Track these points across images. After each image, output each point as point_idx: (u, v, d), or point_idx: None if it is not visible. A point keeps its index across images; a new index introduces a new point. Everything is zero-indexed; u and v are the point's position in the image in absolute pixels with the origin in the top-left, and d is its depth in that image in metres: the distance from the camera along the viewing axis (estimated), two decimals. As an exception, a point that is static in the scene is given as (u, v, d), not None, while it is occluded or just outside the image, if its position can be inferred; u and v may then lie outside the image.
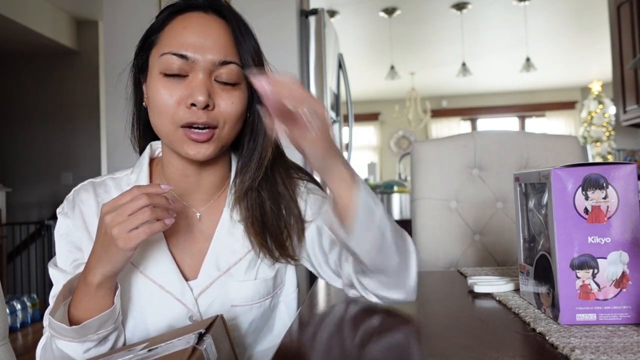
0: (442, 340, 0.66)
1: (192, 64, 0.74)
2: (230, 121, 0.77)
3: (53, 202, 5.10)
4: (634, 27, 3.76)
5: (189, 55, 0.74)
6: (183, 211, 0.83)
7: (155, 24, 0.80)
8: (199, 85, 0.73)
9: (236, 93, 0.77)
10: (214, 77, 0.75)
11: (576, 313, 0.65)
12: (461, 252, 1.47)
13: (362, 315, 0.80)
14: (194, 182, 0.83)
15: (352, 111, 3.22)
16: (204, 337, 0.60)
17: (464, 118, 9.19)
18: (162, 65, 0.75)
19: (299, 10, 2.70)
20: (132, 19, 2.58)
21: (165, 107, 0.75)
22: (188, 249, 0.82)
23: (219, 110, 0.75)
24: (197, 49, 0.74)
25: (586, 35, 6.03)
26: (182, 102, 0.74)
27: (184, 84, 0.74)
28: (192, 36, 0.75)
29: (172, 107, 0.74)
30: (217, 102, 0.75)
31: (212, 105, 0.74)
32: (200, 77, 0.74)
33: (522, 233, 0.81)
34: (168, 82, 0.75)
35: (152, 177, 0.86)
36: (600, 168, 0.65)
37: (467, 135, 1.54)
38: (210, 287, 0.80)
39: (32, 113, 5.17)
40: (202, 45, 0.74)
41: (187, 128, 0.74)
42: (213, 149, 0.76)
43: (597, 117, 7.26)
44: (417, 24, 5.57)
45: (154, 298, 0.78)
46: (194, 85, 0.73)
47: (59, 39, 4.82)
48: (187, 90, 0.74)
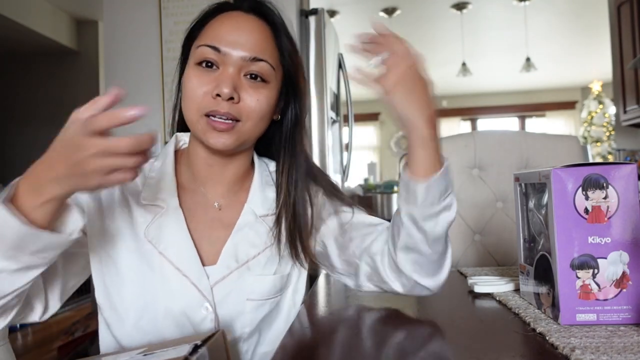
0: (442, 340, 0.66)
1: (224, 57, 0.77)
2: (253, 117, 0.78)
3: (53, 202, 5.10)
4: (634, 27, 3.76)
5: (221, 48, 0.77)
6: (203, 200, 0.85)
7: (198, 18, 0.84)
8: (226, 78, 0.76)
9: (263, 91, 0.79)
10: (244, 72, 0.78)
11: (576, 313, 0.65)
12: (461, 252, 1.47)
13: (361, 316, 0.80)
14: (217, 172, 0.85)
15: (352, 111, 3.22)
16: (199, 349, 0.60)
17: (464, 118, 9.19)
18: (197, 56, 0.78)
19: (299, 10, 2.70)
20: (132, 19, 2.58)
21: (193, 95, 0.77)
22: (207, 235, 0.83)
23: (243, 104, 0.77)
24: (230, 44, 0.77)
25: (586, 35, 6.03)
26: (209, 93, 0.76)
27: (214, 75, 0.77)
28: (228, 32, 0.78)
29: (199, 96, 0.77)
30: (242, 96, 0.77)
31: (237, 98, 0.76)
32: (229, 71, 0.77)
33: (522, 233, 0.81)
34: (200, 72, 0.78)
35: (178, 166, 0.87)
36: (601, 168, 0.65)
37: (467, 135, 1.54)
38: (227, 277, 0.80)
39: (32, 113, 5.17)
40: (236, 40, 0.78)
41: (209, 117, 0.76)
42: (233, 141, 0.78)
43: (597, 117, 7.26)
44: (417, 24, 5.57)
45: (171, 280, 0.78)
46: (221, 78, 0.76)
47: (59, 39, 4.82)
48: (215, 81, 0.77)
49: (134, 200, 0.83)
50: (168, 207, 0.82)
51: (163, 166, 0.86)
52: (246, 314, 0.81)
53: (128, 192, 0.83)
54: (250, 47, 0.78)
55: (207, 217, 0.84)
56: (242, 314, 0.80)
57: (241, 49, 0.78)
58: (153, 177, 0.85)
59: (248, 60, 0.78)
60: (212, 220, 0.84)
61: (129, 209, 0.82)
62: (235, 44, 0.78)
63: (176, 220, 0.81)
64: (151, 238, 0.79)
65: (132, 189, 0.84)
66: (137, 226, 0.81)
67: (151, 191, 0.83)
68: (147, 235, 0.80)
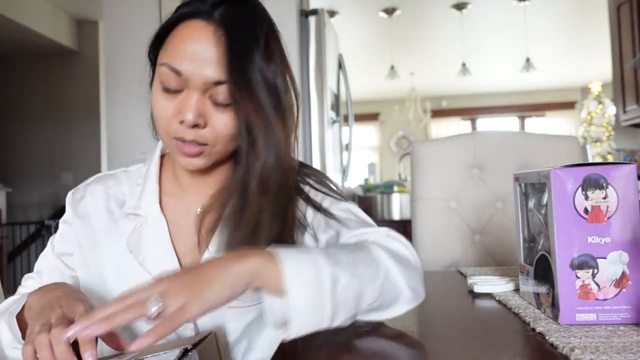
0: (442, 340, 0.66)
1: (187, 80, 0.72)
2: (221, 141, 0.74)
3: (53, 202, 5.10)
4: (634, 27, 3.76)
5: (182, 71, 0.71)
6: (186, 206, 0.83)
7: (166, 25, 0.78)
8: (188, 105, 0.71)
9: (229, 112, 0.73)
10: (209, 94, 0.73)
11: (576, 313, 0.65)
12: (461, 252, 1.47)
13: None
14: (199, 179, 0.83)
15: (352, 111, 3.22)
16: (189, 353, 0.59)
17: (464, 118, 9.19)
18: (161, 76, 0.74)
19: (299, 10, 2.70)
20: (132, 19, 2.58)
21: (160, 118, 0.75)
22: (189, 243, 0.81)
23: (210, 129, 0.73)
24: (192, 65, 0.71)
25: (586, 35, 6.03)
26: (174, 118, 0.73)
27: (178, 98, 0.73)
28: (188, 50, 0.72)
29: (166, 120, 0.74)
30: (209, 121, 0.73)
31: (202, 124, 0.72)
32: (192, 96, 0.72)
33: (522, 233, 0.81)
34: (164, 95, 0.74)
35: (162, 170, 0.86)
36: (600, 168, 0.65)
37: (467, 135, 1.54)
38: None
39: (32, 113, 5.17)
40: (198, 62, 0.71)
41: (178, 140, 0.74)
42: (204, 162, 0.76)
43: (597, 117, 7.26)
44: (417, 24, 5.58)
45: None
46: (185, 103, 0.72)
47: (59, 39, 4.82)
48: (179, 106, 0.73)
49: (119, 211, 0.83)
50: (149, 216, 0.81)
51: (148, 172, 0.85)
52: (228, 322, 0.78)
53: (114, 203, 0.84)
54: (214, 68, 0.71)
55: (189, 224, 0.82)
56: (223, 323, 0.78)
57: (204, 70, 0.71)
58: (139, 183, 0.85)
59: (211, 84, 0.71)
60: (195, 226, 0.82)
61: (114, 220, 0.83)
62: (197, 67, 0.71)
63: (157, 228, 0.80)
64: (132, 248, 0.79)
65: (118, 199, 0.84)
66: (120, 237, 0.81)
67: (135, 199, 0.83)
68: (129, 245, 0.80)
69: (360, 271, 0.65)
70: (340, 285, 0.62)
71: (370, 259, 0.67)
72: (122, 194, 0.85)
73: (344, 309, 0.63)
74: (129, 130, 2.58)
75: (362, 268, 0.65)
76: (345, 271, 0.63)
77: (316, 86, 2.73)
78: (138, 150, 2.57)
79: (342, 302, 0.62)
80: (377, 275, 0.66)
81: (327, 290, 0.61)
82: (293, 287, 0.60)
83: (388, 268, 0.68)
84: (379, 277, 0.66)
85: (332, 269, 0.62)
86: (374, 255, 0.68)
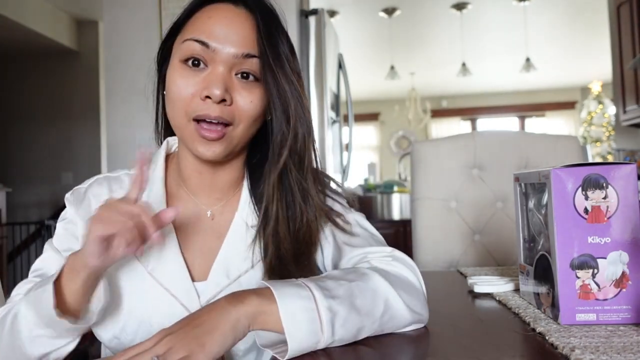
0: (442, 340, 0.66)
1: (213, 53, 0.71)
2: (246, 120, 0.73)
3: (53, 202, 5.10)
4: (634, 27, 3.76)
5: (210, 43, 0.71)
6: (194, 209, 0.81)
7: (183, 12, 0.78)
8: (216, 78, 0.70)
9: (257, 91, 0.73)
10: (235, 71, 0.72)
11: (576, 313, 0.65)
12: (461, 252, 1.47)
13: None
14: (208, 180, 0.80)
15: (352, 111, 3.22)
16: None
17: (464, 118, 9.19)
18: (183, 52, 0.72)
19: (299, 10, 2.70)
20: (132, 19, 2.58)
21: (179, 97, 0.72)
22: (199, 248, 0.79)
23: (236, 107, 0.72)
24: (220, 39, 0.71)
25: (586, 35, 6.03)
26: (197, 95, 0.71)
27: (202, 75, 0.71)
28: (217, 26, 0.72)
29: (186, 99, 0.71)
30: (235, 98, 0.72)
31: (229, 100, 0.71)
32: (220, 70, 0.71)
33: (522, 233, 0.81)
34: (186, 71, 0.72)
35: (167, 172, 0.83)
36: (600, 168, 0.65)
37: (467, 135, 1.54)
38: (218, 296, 0.75)
39: (32, 113, 5.17)
40: (226, 36, 0.71)
41: (198, 122, 0.72)
42: (224, 149, 0.73)
43: (597, 117, 7.26)
44: (417, 24, 5.57)
45: (160, 301, 0.75)
46: (211, 78, 0.70)
47: (59, 39, 4.83)
48: (204, 82, 0.71)
49: None
50: None
51: (153, 176, 0.81)
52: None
53: None
54: (242, 43, 0.71)
55: (199, 228, 0.80)
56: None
57: (232, 45, 0.71)
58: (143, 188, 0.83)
59: (240, 57, 0.71)
60: (204, 230, 0.80)
61: None
62: (225, 40, 0.71)
63: (164, 235, 0.76)
64: (140, 257, 0.76)
65: None
66: None
67: None
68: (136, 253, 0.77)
69: (358, 304, 0.64)
70: (339, 321, 0.61)
71: (369, 289, 0.66)
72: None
73: (342, 340, 0.63)
74: (129, 130, 2.58)
75: (360, 301, 0.64)
76: (343, 305, 0.62)
77: (316, 86, 2.73)
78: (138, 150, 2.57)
79: (339, 335, 0.62)
80: (377, 307, 0.65)
81: (325, 324, 0.60)
82: (292, 329, 0.59)
83: (388, 297, 0.66)
84: (379, 308, 0.65)
85: (329, 302, 0.61)
86: (373, 285, 0.67)
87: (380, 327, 0.66)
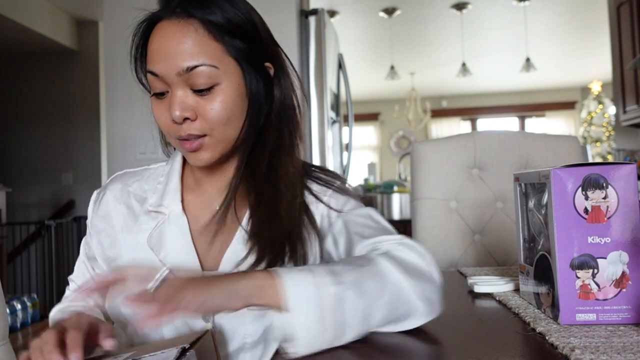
0: (442, 340, 0.66)
1: (164, 79, 0.74)
2: (217, 125, 0.74)
3: (53, 202, 5.10)
4: (634, 27, 3.76)
5: (156, 72, 0.74)
6: (208, 200, 0.84)
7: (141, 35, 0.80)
8: (174, 102, 0.73)
9: (216, 96, 0.74)
10: (190, 86, 0.73)
11: (576, 313, 0.65)
12: (461, 252, 1.47)
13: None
14: (217, 174, 0.84)
15: (352, 111, 3.22)
16: (187, 352, 0.59)
17: (464, 118, 9.19)
18: (150, 84, 0.77)
19: (299, 10, 2.69)
20: (132, 19, 2.58)
21: (160, 125, 0.78)
22: (211, 239, 0.81)
23: (201, 119, 0.74)
24: (163, 63, 0.73)
25: (586, 35, 6.03)
26: (168, 119, 0.75)
27: (167, 102, 0.76)
28: (160, 51, 0.73)
29: (164, 125, 0.77)
30: (198, 111, 0.74)
31: (192, 116, 0.74)
32: (175, 92, 0.74)
33: (522, 233, 0.81)
34: (156, 101, 0.77)
35: (184, 167, 0.87)
36: (600, 168, 0.65)
37: (467, 135, 1.54)
38: None
39: (32, 113, 5.17)
40: (166, 57, 0.73)
41: (179, 140, 0.76)
42: (209, 156, 0.77)
43: (597, 117, 7.26)
44: (417, 24, 5.57)
45: None
46: (170, 103, 0.74)
47: (59, 39, 4.83)
48: (167, 106, 0.75)
49: (139, 207, 0.84)
50: (171, 213, 0.81)
51: (171, 170, 0.86)
52: (247, 324, 0.77)
53: (134, 200, 0.85)
54: (182, 57, 0.72)
55: (212, 220, 0.81)
56: (242, 324, 0.77)
57: (172, 64, 0.72)
58: (161, 181, 0.85)
59: (185, 73, 0.72)
60: (216, 222, 0.81)
61: (134, 217, 0.83)
62: (166, 61, 0.72)
63: (178, 225, 0.80)
64: (153, 245, 0.79)
65: (139, 195, 0.85)
66: (141, 233, 0.81)
67: (157, 197, 0.83)
68: (150, 242, 0.80)
69: (366, 288, 0.63)
70: (347, 305, 0.61)
71: (377, 273, 0.65)
72: (142, 190, 0.86)
73: (352, 326, 0.62)
74: (129, 130, 2.58)
75: (368, 285, 0.64)
76: (350, 289, 0.62)
77: (316, 86, 2.73)
78: (138, 150, 2.57)
79: (348, 320, 0.61)
80: (384, 291, 0.65)
81: (329, 309, 0.60)
82: (293, 304, 0.60)
83: (396, 282, 0.66)
84: (386, 292, 0.65)
85: (335, 288, 0.61)
86: (380, 270, 0.66)
87: (390, 312, 0.65)
